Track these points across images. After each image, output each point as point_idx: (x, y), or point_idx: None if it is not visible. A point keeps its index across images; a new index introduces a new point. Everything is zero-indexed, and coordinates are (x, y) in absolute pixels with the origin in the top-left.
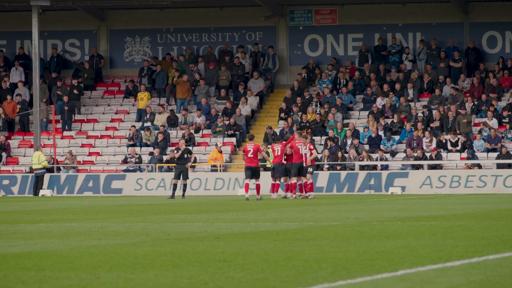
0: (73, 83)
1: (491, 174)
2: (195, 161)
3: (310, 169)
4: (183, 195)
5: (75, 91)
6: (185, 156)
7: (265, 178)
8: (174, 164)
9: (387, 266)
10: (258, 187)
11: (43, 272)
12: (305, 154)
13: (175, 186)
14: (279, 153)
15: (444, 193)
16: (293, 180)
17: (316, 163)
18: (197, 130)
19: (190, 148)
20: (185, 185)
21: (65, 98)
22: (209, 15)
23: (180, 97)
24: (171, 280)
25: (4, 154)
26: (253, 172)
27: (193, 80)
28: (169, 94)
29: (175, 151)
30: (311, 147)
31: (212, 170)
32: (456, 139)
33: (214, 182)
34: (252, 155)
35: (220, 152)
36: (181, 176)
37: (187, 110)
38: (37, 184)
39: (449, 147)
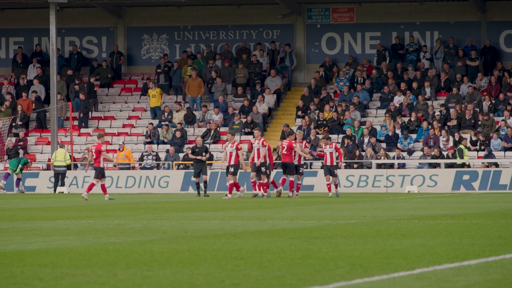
0: (92, 81)
1: (509, 173)
2: (211, 159)
3: (263, 169)
4: (205, 192)
5: (95, 88)
6: (203, 154)
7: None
8: (191, 162)
9: (404, 264)
10: (291, 184)
11: (60, 269)
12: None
13: (197, 184)
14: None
15: (461, 191)
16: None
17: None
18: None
19: (207, 146)
20: (205, 182)
21: (81, 96)
22: (227, 13)
23: (192, 95)
24: (188, 278)
25: (21, 151)
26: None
27: (209, 77)
28: (184, 91)
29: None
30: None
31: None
32: (476, 138)
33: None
34: (286, 152)
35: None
36: (201, 173)
37: (207, 107)
38: (58, 181)
39: (468, 145)
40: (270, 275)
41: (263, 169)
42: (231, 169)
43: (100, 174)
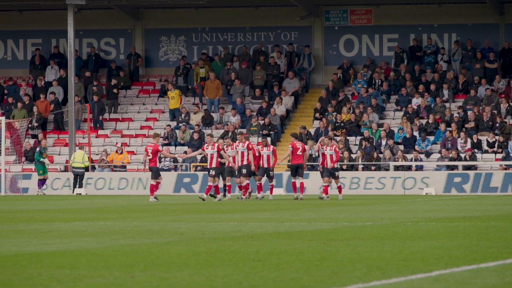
0: (112, 83)
1: None
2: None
3: (244, 171)
4: (225, 194)
5: (115, 90)
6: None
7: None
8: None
9: (422, 266)
10: (302, 186)
11: (77, 271)
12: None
13: (224, 186)
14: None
15: (479, 194)
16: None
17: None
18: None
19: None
20: (225, 185)
21: (95, 98)
22: (245, 15)
23: (209, 97)
24: (206, 279)
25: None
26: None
27: (227, 79)
28: (201, 93)
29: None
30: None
31: None
32: (494, 139)
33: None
34: (300, 153)
35: None
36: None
37: (224, 109)
38: (77, 182)
39: (485, 148)
40: (287, 277)
41: (243, 171)
42: (244, 171)
43: (157, 174)
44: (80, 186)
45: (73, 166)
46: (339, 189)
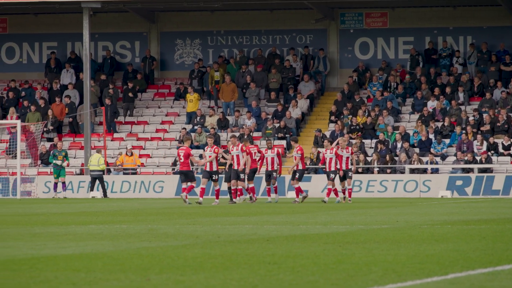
0: (129, 86)
1: None
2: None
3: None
4: (231, 198)
5: (130, 94)
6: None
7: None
8: (223, 167)
9: (437, 269)
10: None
11: (93, 274)
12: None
13: (229, 189)
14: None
15: (494, 196)
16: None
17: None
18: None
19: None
20: (229, 188)
21: (107, 101)
22: (260, 18)
23: (225, 100)
24: (221, 282)
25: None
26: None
27: (242, 82)
28: (216, 96)
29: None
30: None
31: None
32: (509, 142)
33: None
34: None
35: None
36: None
37: (239, 112)
38: (94, 185)
39: (501, 150)
40: (303, 280)
41: (242, 175)
42: (242, 175)
43: (191, 177)
44: (101, 189)
45: (90, 170)
46: (334, 192)
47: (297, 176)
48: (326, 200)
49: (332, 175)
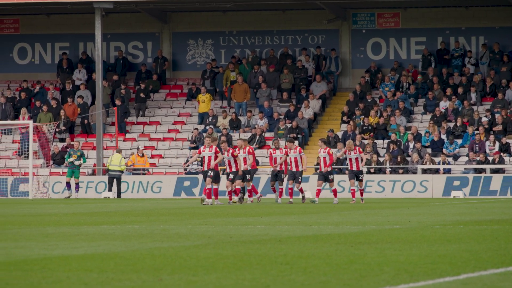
0: (141, 87)
1: None
2: (257, 164)
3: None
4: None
5: (142, 95)
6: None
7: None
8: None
9: (450, 270)
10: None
11: (105, 274)
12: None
13: (243, 189)
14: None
15: (508, 197)
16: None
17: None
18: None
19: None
20: (243, 188)
21: (117, 102)
22: (272, 18)
23: (237, 100)
24: (233, 283)
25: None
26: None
27: (255, 83)
28: (229, 97)
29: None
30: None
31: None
32: None
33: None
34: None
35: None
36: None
37: (251, 112)
38: (112, 185)
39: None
40: (315, 280)
41: (248, 176)
42: (248, 176)
43: (217, 177)
44: (117, 190)
45: (109, 170)
46: (334, 192)
47: (300, 179)
48: (316, 201)
49: (330, 176)
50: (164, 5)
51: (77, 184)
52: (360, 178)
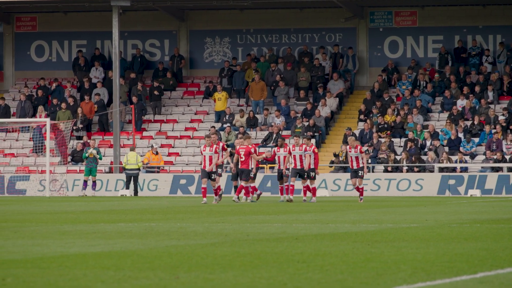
0: (154, 85)
1: None
2: (274, 162)
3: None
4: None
5: (156, 92)
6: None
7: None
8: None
9: (466, 268)
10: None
11: (122, 272)
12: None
13: (235, 187)
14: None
15: None
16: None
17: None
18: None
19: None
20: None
21: (134, 99)
22: (289, 16)
23: (254, 98)
24: (250, 281)
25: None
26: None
27: (272, 81)
28: (247, 95)
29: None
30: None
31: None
32: None
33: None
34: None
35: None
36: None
37: (268, 110)
38: (130, 183)
39: None
40: (332, 278)
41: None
42: (251, 174)
43: (249, 176)
44: (135, 187)
45: (127, 168)
46: (312, 190)
47: (312, 175)
48: (305, 199)
49: (311, 174)
50: (181, 3)
51: (94, 182)
52: (360, 174)
